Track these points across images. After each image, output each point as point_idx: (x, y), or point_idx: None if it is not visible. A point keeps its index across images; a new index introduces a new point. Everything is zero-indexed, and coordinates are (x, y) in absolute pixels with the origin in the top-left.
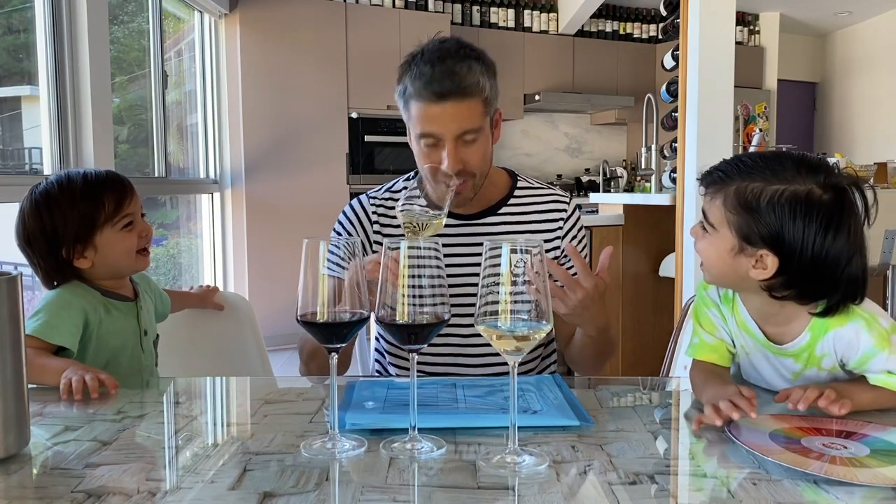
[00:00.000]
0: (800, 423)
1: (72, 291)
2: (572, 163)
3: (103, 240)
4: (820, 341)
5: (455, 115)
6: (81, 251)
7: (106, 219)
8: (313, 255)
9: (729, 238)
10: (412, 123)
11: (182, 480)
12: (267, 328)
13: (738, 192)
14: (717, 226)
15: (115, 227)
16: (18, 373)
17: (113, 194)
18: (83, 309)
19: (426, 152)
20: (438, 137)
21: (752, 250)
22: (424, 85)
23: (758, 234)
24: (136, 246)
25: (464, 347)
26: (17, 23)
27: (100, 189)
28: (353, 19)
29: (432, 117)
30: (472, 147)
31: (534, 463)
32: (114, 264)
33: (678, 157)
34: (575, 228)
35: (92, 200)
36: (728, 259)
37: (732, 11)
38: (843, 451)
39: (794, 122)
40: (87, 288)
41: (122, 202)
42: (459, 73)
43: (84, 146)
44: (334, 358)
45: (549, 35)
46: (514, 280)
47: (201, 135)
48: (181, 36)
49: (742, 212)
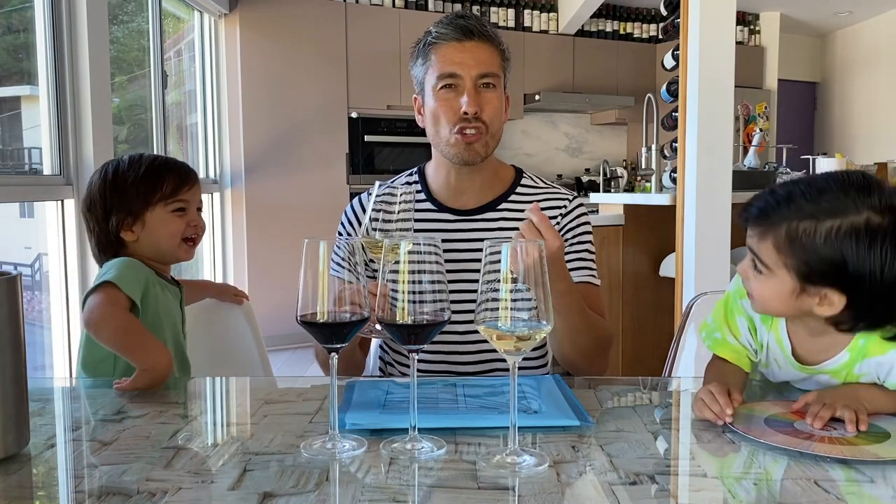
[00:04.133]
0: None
1: (132, 262)
2: (572, 163)
3: (153, 217)
4: (858, 363)
5: (476, 55)
6: (131, 224)
7: (161, 198)
8: (313, 255)
9: (788, 280)
10: (432, 71)
11: (182, 480)
12: (267, 328)
13: (790, 233)
14: (772, 268)
15: (167, 209)
16: (18, 373)
17: (174, 178)
18: (146, 276)
19: (445, 98)
20: (459, 79)
21: (815, 290)
22: (448, 24)
23: (819, 273)
24: (183, 233)
25: (461, 345)
26: (17, 23)
27: (163, 170)
28: (353, 19)
29: (455, 56)
30: (489, 94)
31: (534, 463)
32: (158, 244)
33: (678, 157)
34: (573, 223)
35: (153, 178)
36: (790, 300)
37: (732, 11)
38: (832, 431)
39: (794, 122)
40: (142, 263)
41: (181, 188)
42: (482, 21)
43: (84, 146)
44: (334, 358)
45: (549, 35)
46: (513, 280)
47: (201, 135)
48: (181, 36)
49: (798, 253)
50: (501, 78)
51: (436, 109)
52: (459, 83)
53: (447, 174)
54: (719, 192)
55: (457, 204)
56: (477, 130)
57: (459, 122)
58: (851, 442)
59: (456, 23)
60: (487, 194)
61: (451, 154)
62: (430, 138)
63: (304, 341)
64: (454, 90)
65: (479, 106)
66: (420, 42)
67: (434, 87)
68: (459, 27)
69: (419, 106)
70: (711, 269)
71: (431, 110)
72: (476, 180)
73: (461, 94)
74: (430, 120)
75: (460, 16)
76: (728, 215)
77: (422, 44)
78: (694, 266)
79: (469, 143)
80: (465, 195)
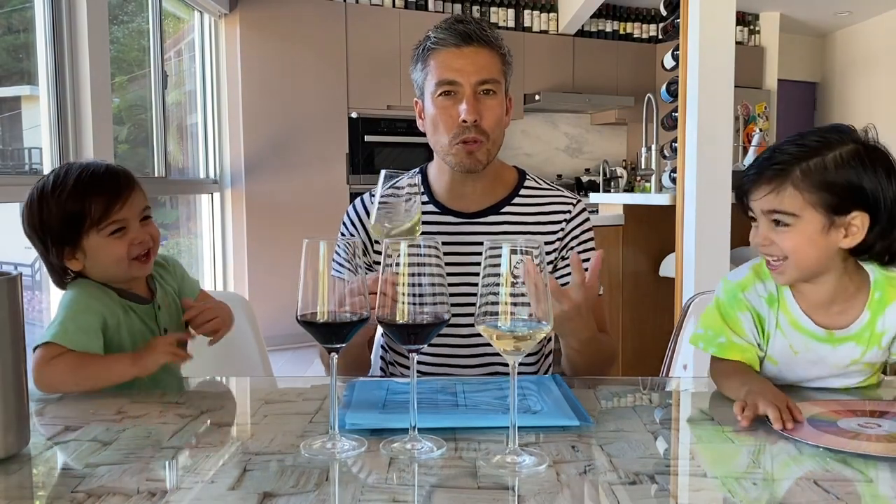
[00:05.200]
0: (835, 407)
1: (87, 293)
2: (572, 163)
3: (91, 245)
4: (880, 317)
5: (475, 62)
6: (72, 253)
7: (91, 224)
8: (313, 255)
9: (816, 218)
10: (431, 77)
11: (182, 480)
12: (267, 328)
13: (806, 173)
14: (798, 213)
15: (102, 234)
16: (18, 373)
17: (101, 198)
18: (100, 312)
19: (444, 106)
20: (458, 86)
21: (842, 219)
22: (447, 29)
23: (844, 199)
24: (129, 254)
25: (463, 347)
26: (17, 23)
27: (88, 190)
28: (353, 19)
29: (454, 63)
30: (489, 102)
31: (534, 463)
32: (105, 270)
33: (678, 157)
34: (578, 230)
35: (78, 202)
36: (820, 240)
37: (732, 11)
38: (877, 429)
39: (794, 122)
40: (103, 289)
41: (111, 207)
42: (482, 25)
43: (84, 146)
44: (334, 358)
45: (549, 35)
46: (513, 280)
47: (201, 135)
48: (181, 36)
49: (819, 187)
50: (502, 83)
51: (435, 117)
52: (458, 90)
53: (450, 178)
54: (719, 192)
55: (460, 207)
56: (477, 139)
57: (459, 131)
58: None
59: (455, 27)
60: (490, 197)
61: (451, 162)
62: (430, 144)
63: (304, 341)
64: (453, 97)
65: (479, 114)
66: (419, 46)
67: (433, 94)
68: (458, 32)
69: (420, 110)
70: (711, 269)
71: (431, 117)
72: (479, 184)
73: (460, 102)
74: (430, 127)
75: (459, 20)
76: (728, 215)
77: (421, 48)
78: (694, 266)
79: (469, 151)
80: (467, 198)
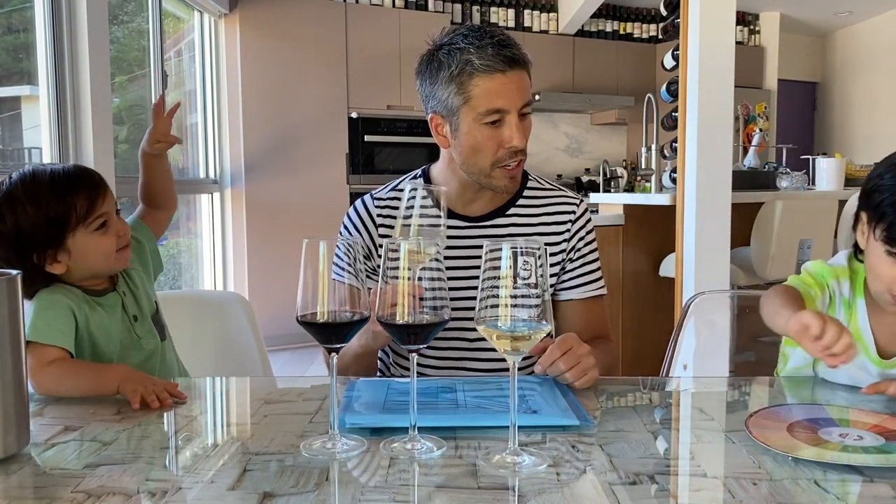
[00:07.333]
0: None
1: (52, 290)
2: (572, 163)
3: (77, 243)
4: None
5: (521, 87)
6: (54, 256)
7: (78, 221)
8: (313, 256)
9: None
10: (473, 103)
11: (182, 480)
12: (267, 328)
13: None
14: None
15: (89, 230)
16: (18, 373)
17: (84, 193)
18: (69, 307)
19: (491, 134)
20: (505, 112)
21: None
22: (492, 55)
23: None
24: (115, 246)
25: (471, 352)
26: (17, 23)
27: (70, 188)
28: (353, 19)
29: (502, 90)
30: (526, 123)
31: (534, 463)
32: (92, 268)
33: (678, 157)
34: (583, 230)
35: (61, 201)
36: None
37: (732, 11)
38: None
39: (794, 122)
40: (67, 287)
41: (95, 201)
42: (517, 43)
43: (84, 146)
44: (334, 358)
45: (549, 35)
46: (517, 282)
47: (201, 135)
48: (181, 36)
49: None
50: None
51: (478, 143)
52: (504, 116)
53: (460, 186)
54: (719, 192)
55: (466, 211)
56: (520, 161)
57: (504, 155)
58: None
59: (501, 53)
60: (496, 200)
61: (489, 184)
62: (459, 164)
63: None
64: (499, 125)
65: (524, 137)
66: (452, 65)
67: (477, 121)
68: (505, 58)
69: (438, 126)
70: (711, 268)
71: (472, 142)
72: (488, 191)
73: (505, 126)
74: (468, 150)
75: (502, 43)
76: (728, 215)
77: (455, 68)
78: (693, 266)
79: (512, 176)
80: (475, 203)
